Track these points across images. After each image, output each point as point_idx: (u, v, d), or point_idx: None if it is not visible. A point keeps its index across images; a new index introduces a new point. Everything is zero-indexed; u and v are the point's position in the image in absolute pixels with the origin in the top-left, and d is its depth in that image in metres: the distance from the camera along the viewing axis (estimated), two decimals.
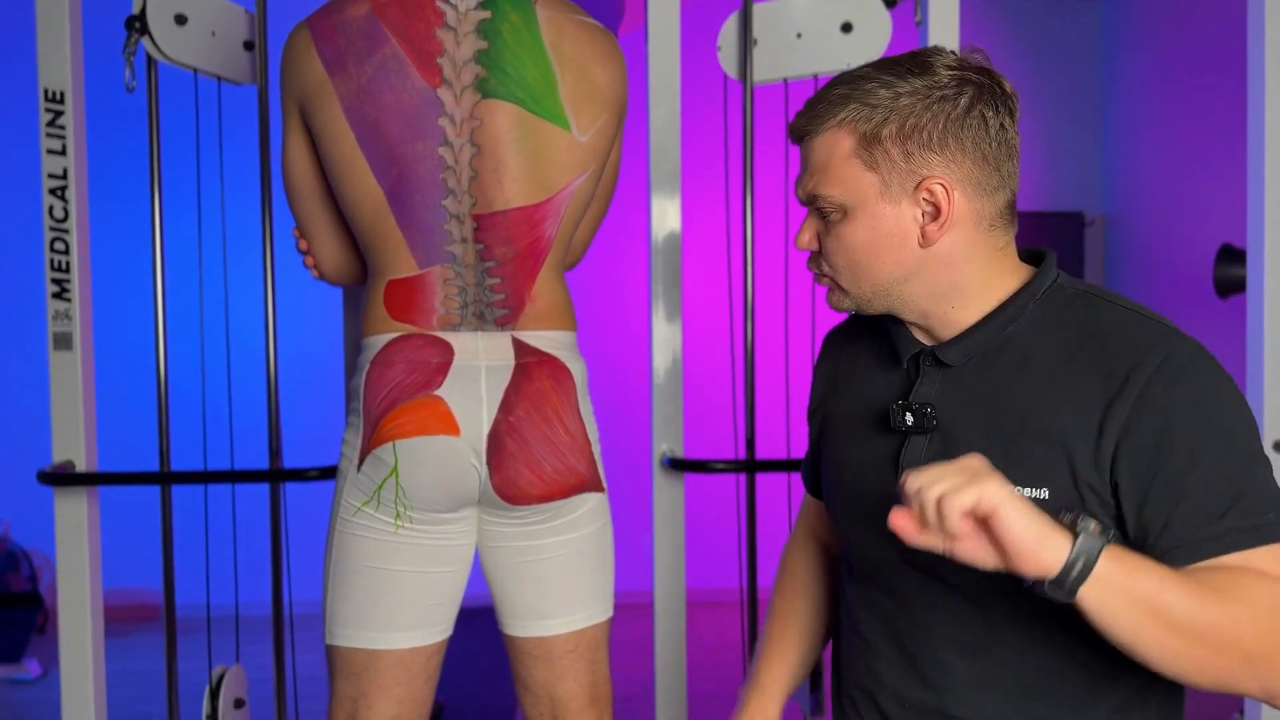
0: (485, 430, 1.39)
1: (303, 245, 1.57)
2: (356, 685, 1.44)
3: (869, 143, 1.02)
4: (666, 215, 1.88)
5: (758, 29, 1.87)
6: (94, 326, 1.84)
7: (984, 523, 0.88)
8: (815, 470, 1.28)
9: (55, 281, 1.78)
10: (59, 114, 1.76)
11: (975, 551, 0.89)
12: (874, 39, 1.87)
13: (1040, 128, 4.75)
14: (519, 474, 1.40)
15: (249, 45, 1.85)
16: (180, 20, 1.75)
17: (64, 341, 1.77)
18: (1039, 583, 0.88)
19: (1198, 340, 1.02)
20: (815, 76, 1.90)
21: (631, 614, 2.45)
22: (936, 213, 1.02)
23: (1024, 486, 1.00)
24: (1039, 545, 0.87)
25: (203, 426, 1.93)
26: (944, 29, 1.88)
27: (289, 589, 1.91)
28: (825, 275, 1.09)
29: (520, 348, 1.42)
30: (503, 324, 1.42)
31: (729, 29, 1.90)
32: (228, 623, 1.99)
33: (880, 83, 1.01)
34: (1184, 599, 0.90)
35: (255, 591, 2.07)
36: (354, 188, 1.41)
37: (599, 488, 1.49)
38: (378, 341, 1.42)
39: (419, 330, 1.41)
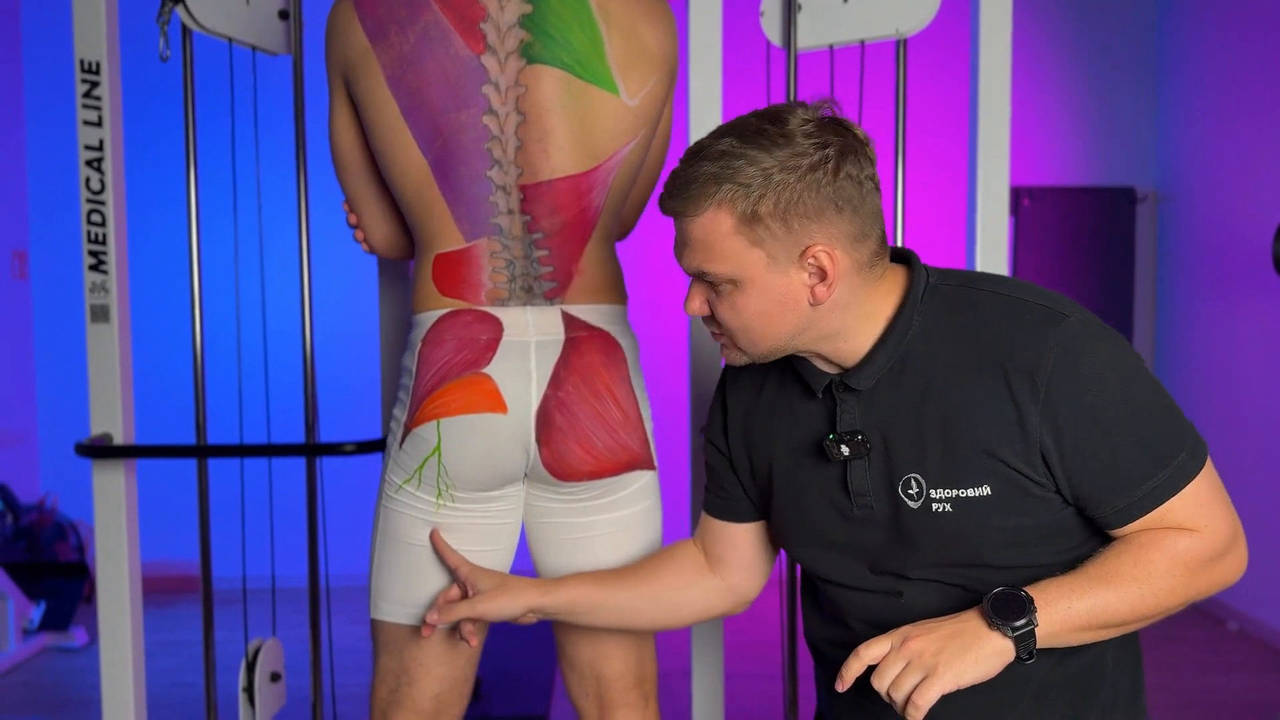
0: (534, 406, 1.36)
1: (352, 219, 1.56)
2: (400, 661, 1.44)
3: (749, 221, 1.05)
4: None
5: None
6: (130, 299, 1.83)
7: None
8: (724, 498, 1.32)
9: (92, 254, 1.77)
10: (95, 85, 1.75)
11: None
12: (924, 4, 1.80)
13: (1091, 99, 4.62)
14: (569, 450, 1.37)
15: (284, 14, 1.83)
16: None
17: (101, 314, 1.77)
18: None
19: (1073, 303, 1.10)
20: (862, 43, 1.84)
21: None
22: (823, 275, 1.08)
23: (966, 488, 1.08)
24: (990, 668, 1.01)
25: (239, 400, 1.93)
26: None
27: (325, 562, 1.91)
28: (721, 335, 1.15)
29: (570, 321, 1.39)
30: (551, 297, 1.39)
31: None
32: (267, 595, 2.00)
33: (747, 159, 1.04)
34: (1115, 606, 1.04)
35: (294, 564, 2.07)
36: (398, 159, 1.38)
37: (650, 465, 1.46)
38: (428, 318, 1.39)
39: (468, 305, 1.38)
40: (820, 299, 1.08)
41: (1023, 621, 1.01)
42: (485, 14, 1.33)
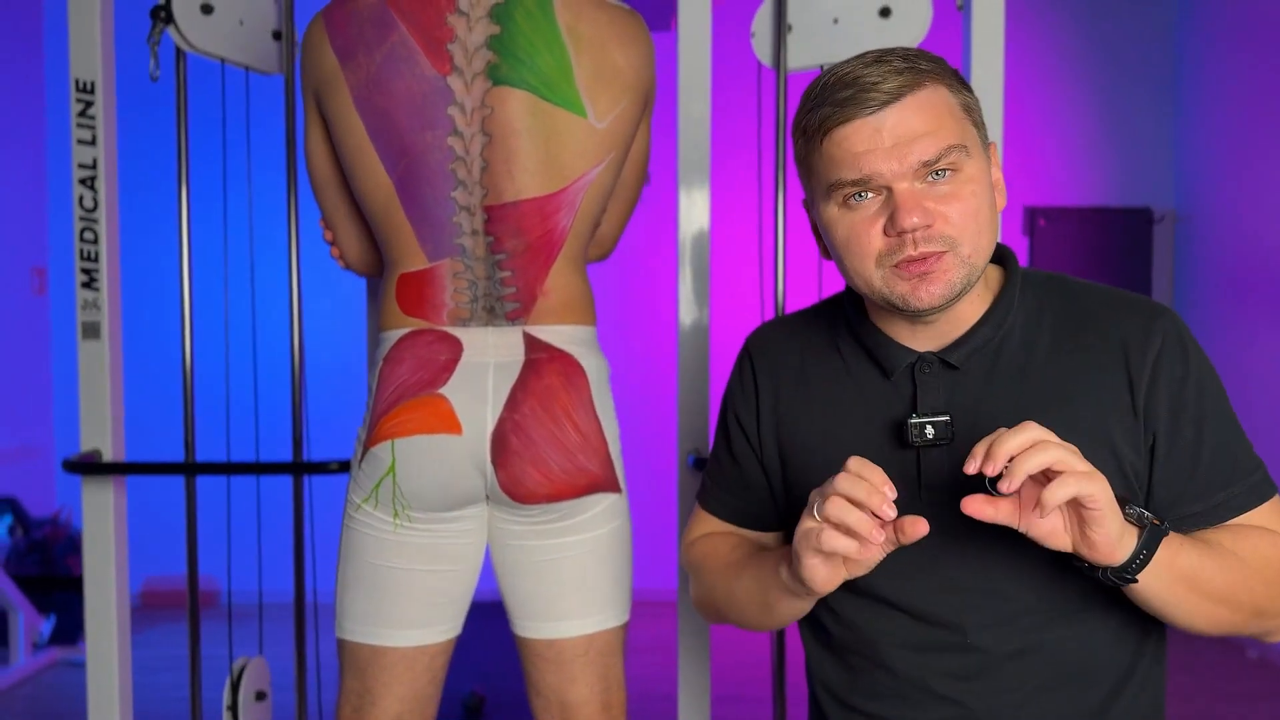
0: (489, 428, 1.36)
1: (328, 236, 1.57)
2: (362, 680, 1.43)
3: (964, 98, 1.02)
4: (695, 208, 1.83)
5: (792, 14, 1.81)
6: (122, 316, 1.85)
7: (1075, 512, 0.91)
8: (745, 500, 1.19)
9: (84, 271, 1.79)
10: (89, 104, 1.77)
11: (1048, 532, 0.92)
12: (913, 24, 1.79)
13: (1106, 117, 4.59)
14: (525, 473, 1.36)
15: (278, 35, 1.84)
16: (206, 9, 1.75)
17: (92, 331, 1.79)
18: (1097, 568, 0.94)
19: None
20: None
21: (658, 611, 2.41)
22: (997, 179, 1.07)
23: None
24: (1118, 541, 0.91)
25: (226, 418, 1.93)
26: (989, 14, 1.80)
27: (313, 579, 1.91)
28: (941, 247, 0.99)
29: (531, 343, 1.39)
30: (514, 318, 1.39)
31: (763, 15, 1.84)
32: (269, 610, 2.00)
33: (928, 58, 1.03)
34: (1216, 570, 0.97)
35: (285, 580, 2.08)
36: (365, 179, 1.38)
37: (615, 488, 1.44)
38: (391, 337, 1.40)
39: (430, 325, 1.38)
40: (1001, 204, 1.04)
41: (1158, 522, 0.93)
42: (453, 35, 1.33)
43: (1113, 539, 0.90)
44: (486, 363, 1.37)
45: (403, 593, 1.40)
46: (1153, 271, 4.53)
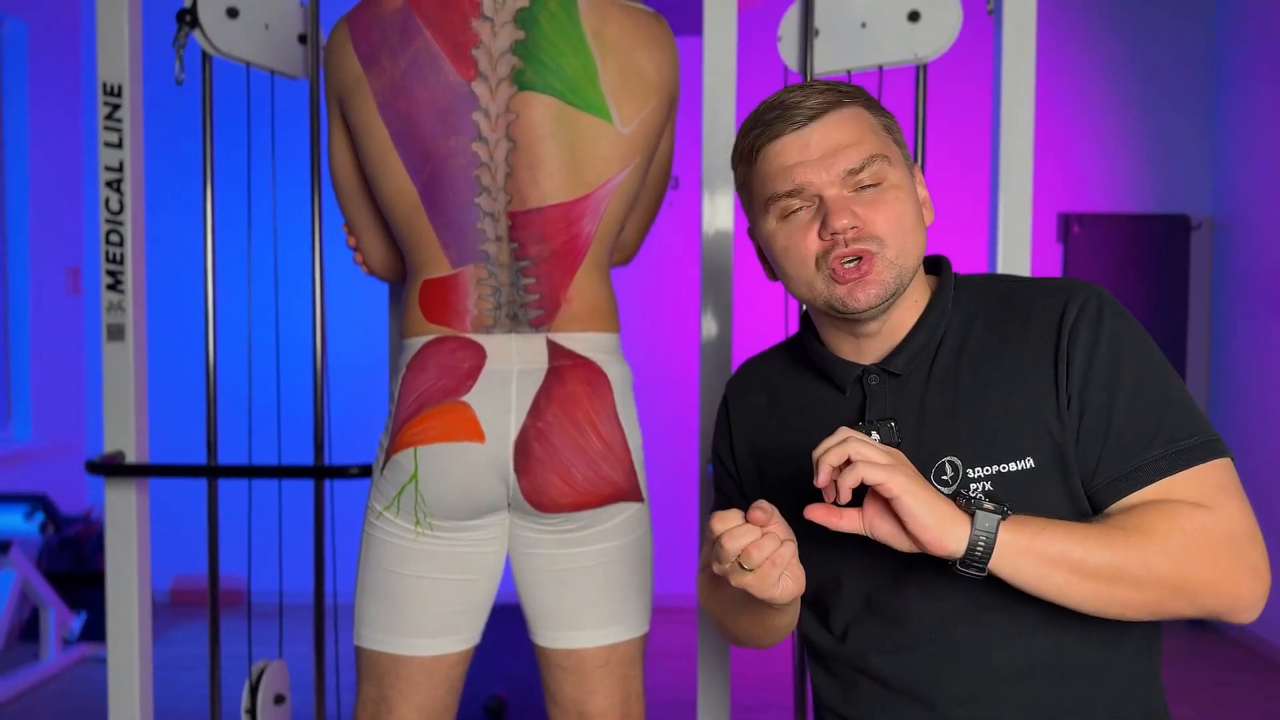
0: (513, 436, 1.34)
1: (351, 241, 1.57)
2: (379, 688, 1.42)
3: (884, 119, 1.10)
4: (718, 213, 1.81)
5: (820, 19, 1.79)
6: (147, 319, 1.86)
7: (892, 508, 0.95)
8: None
9: (110, 273, 1.80)
10: (116, 107, 1.78)
11: (890, 534, 0.97)
12: (943, 29, 1.76)
13: (1143, 122, 4.52)
14: (547, 481, 1.35)
15: (304, 39, 1.85)
16: (232, 13, 1.75)
17: (117, 333, 1.79)
18: (954, 564, 0.96)
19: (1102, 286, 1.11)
20: (880, 68, 1.81)
21: (677, 617, 2.40)
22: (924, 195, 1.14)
23: (1008, 462, 1.04)
24: (940, 531, 0.94)
25: (248, 421, 1.94)
26: (1020, 17, 1.77)
27: (333, 582, 1.91)
28: (871, 247, 1.07)
29: (555, 350, 1.37)
30: (537, 325, 1.38)
31: (790, 19, 1.82)
32: (295, 611, 2.00)
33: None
34: (1095, 548, 0.95)
35: (305, 582, 2.08)
36: (388, 185, 1.38)
37: (637, 497, 1.43)
38: (414, 344, 1.39)
39: (453, 332, 1.37)
40: (928, 219, 1.11)
41: (993, 507, 0.95)
42: (477, 40, 1.32)
43: (929, 527, 0.93)
44: (510, 370, 1.35)
45: (422, 602, 1.39)
46: (1190, 280, 4.45)
